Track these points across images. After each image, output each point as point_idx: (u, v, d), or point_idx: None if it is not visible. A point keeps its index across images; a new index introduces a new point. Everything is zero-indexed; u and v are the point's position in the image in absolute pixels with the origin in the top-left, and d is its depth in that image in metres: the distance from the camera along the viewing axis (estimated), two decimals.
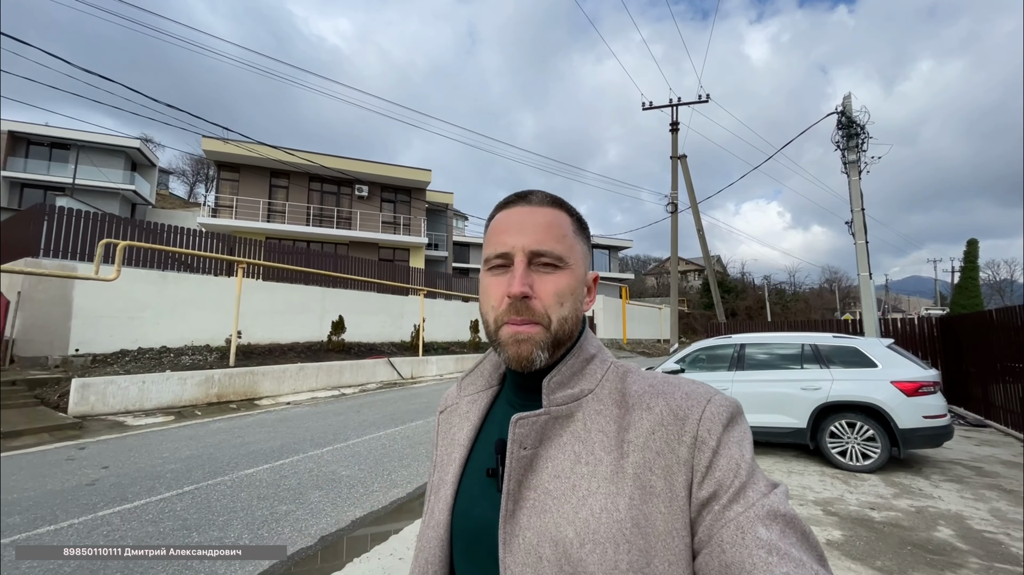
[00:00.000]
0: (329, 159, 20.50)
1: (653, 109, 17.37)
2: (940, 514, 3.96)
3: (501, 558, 0.53)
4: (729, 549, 0.46)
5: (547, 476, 0.56)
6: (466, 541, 0.59)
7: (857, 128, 10.27)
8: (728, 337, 6.59)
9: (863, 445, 5.13)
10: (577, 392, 0.59)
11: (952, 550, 3.31)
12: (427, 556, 0.61)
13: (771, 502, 0.49)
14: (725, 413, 0.55)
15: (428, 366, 15.24)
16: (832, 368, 5.45)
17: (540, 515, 0.54)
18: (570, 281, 0.60)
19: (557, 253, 0.59)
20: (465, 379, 0.73)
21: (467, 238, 38.23)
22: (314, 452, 5.90)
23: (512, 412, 0.62)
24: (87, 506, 4.03)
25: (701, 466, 0.52)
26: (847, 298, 49.60)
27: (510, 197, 0.65)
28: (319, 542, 3.50)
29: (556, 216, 0.62)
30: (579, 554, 0.50)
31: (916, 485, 4.71)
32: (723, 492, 0.50)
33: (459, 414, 0.70)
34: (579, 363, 0.62)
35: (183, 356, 10.52)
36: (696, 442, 0.53)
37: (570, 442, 0.57)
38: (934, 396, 5.07)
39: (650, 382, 0.60)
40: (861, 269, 10.31)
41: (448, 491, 0.62)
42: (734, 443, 0.53)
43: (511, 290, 0.57)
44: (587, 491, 0.53)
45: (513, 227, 0.61)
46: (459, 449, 0.65)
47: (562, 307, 0.59)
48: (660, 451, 0.53)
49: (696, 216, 17.70)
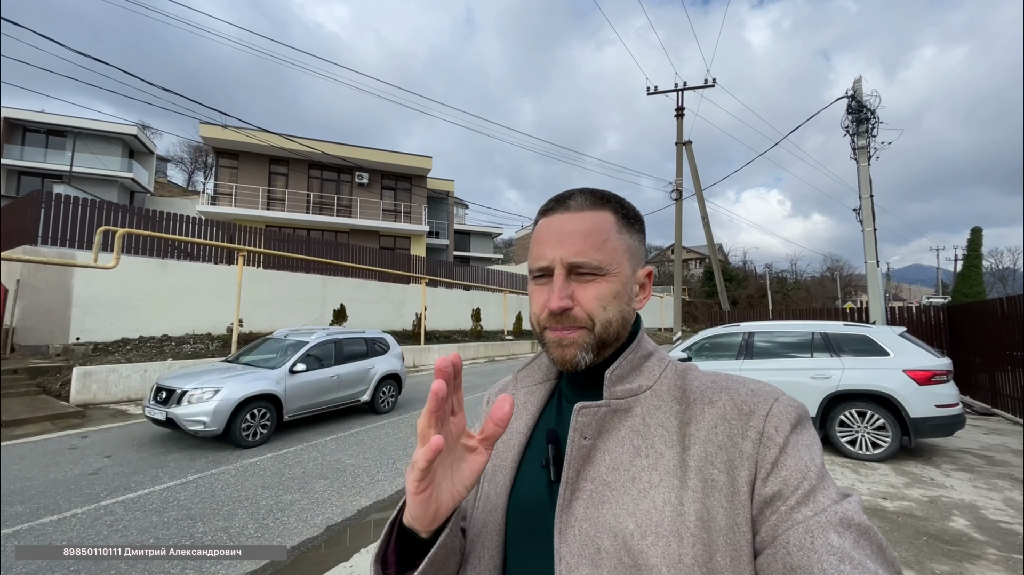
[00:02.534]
0: (329, 146, 20.24)
1: (658, 94, 17.08)
2: (954, 504, 3.91)
3: (556, 548, 0.53)
4: (796, 552, 0.45)
5: (605, 468, 0.55)
6: (521, 528, 0.59)
7: (868, 113, 10.07)
8: (736, 325, 6.51)
9: (873, 434, 5.07)
10: (635, 387, 0.59)
11: (969, 541, 3.26)
12: (483, 541, 0.60)
13: (844, 509, 0.47)
14: (793, 413, 0.54)
15: (430, 355, 15.22)
16: (843, 357, 5.37)
17: (598, 506, 0.53)
18: (612, 286, 0.59)
19: (595, 263, 0.58)
20: (522, 371, 0.72)
21: (468, 226, 38.02)
22: (318, 441, 5.86)
23: (567, 406, 0.63)
24: (90, 495, 3.99)
25: (766, 462, 0.51)
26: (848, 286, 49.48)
27: (550, 203, 0.63)
28: (325, 532, 3.46)
29: (596, 220, 0.60)
30: (640, 546, 0.49)
31: (927, 474, 4.66)
32: (789, 492, 0.49)
33: (517, 404, 0.68)
34: (637, 359, 0.61)
35: (184, 345, 10.47)
36: (762, 438, 0.52)
37: (628, 436, 0.56)
38: (947, 385, 4.99)
39: (712, 378, 0.60)
40: (868, 257, 10.19)
41: (506, 477, 0.62)
42: (803, 446, 0.52)
43: (550, 305, 0.58)
44: (648, 484, 0.53)
45: (552, 238, 0.60)
46: (517, 436, 0.65)
47: (605, 311, 0.59)
48: (722, 445, 0.52)
49: (701, 203, 17.53)
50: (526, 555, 0.58)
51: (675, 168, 16.64)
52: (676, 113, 16.78)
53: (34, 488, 4.12)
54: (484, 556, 0.59)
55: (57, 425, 6.45)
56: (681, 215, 16.49)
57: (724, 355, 6.18)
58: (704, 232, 18.11)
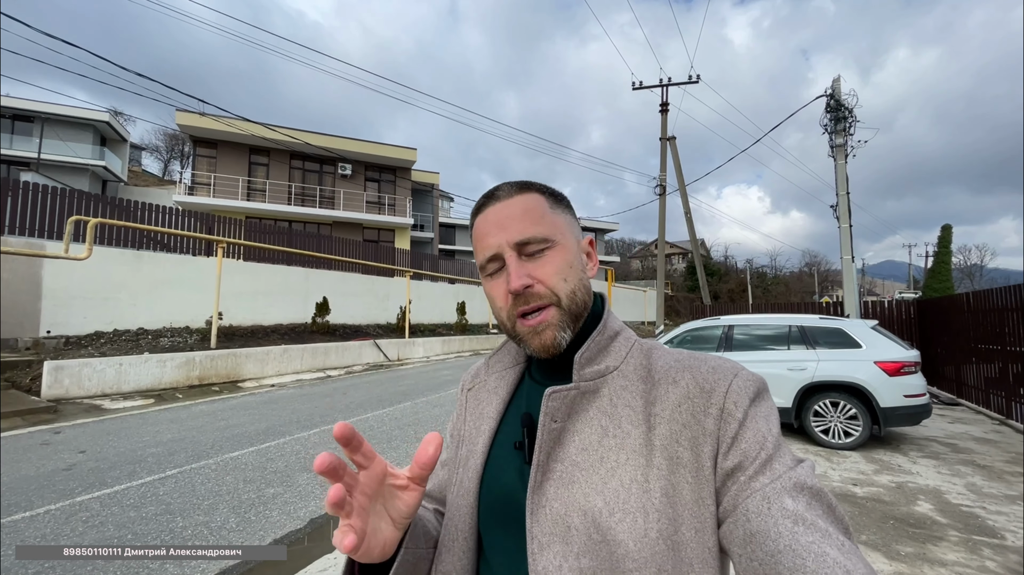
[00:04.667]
0: (312, 136, 19.86)
1: (644, 89, 17.18)
2: (919, 489, 4.09)
3: (528, 527, 0.55)
4: (754, 518, 0.47)
5: (574, 449, 0.57)
6: (493, 510, 0.61)
7: (846, 112, 10.30)
8: (716, 319, 6.64)
9: (845, 423, 5.26)
10: (603, 368, 0.60)
11: (932, 524, 3.42)
12: (456, 523, 0.62)
13: (798, 475, 0.50)
14: (752, 387, 0.56)
15: (415, 348, 15.16)
16: (818, 349, 5.54)
17: (568, 486, 0.55)
18: (564, 255, 0.61)
19: (541, 235, 0.60)
20: (493, 357, 0.74)
21: (453, 219, 37.79)
22: (301, 434, 5.81)
23: (537, 388, 0.64)
24: (64, 491, 3.90)
25: (727, 437, 0.53)
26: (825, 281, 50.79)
27: (480, 201, 0.65)
28: (308, 525, 3.45)
29: (528, 200, 0.62)
30: (608, 523, 0.51)
31: (895, 461, 4.86)
32: (748, 463, 0.51)
33: (487, 390, 0.71)
34: (604, 340, 0.62)
35: (162, 338, 10.23)
36: (723, 414, 0.54)
37: (596, 416, 0.57)
38: (915, 376, 5.20)
39: (676, 357, 0.61)
40: (844, 252, 10.48)
41: (477, 461, 0.64)
42: (761, 417, 0.54)
43: (510, 287, 0.58)
44: (615, 463, 0.54)
45: (492, 227, 0.61)
46: (488, 422, 0.67)
47: (566, 282, 0.60)
48: (686, 423, 0.54)
49: (684, 199, 17.74)
50: (499, 536, 0.59)
51: (659, 163, 16.80)
52: (661, 109, 16.91)
53: (5, 484, 4.00)
54: (458, 539, 0.61)
55: (28, 420, 6.25)
56: (665, 210, 16.68)
57: (705, 347, 6.31)
58: (687, 227, 18.36)
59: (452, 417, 0.77)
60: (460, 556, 0.61)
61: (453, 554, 0.61)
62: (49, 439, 5.46)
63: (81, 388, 7.62)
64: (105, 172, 25.83)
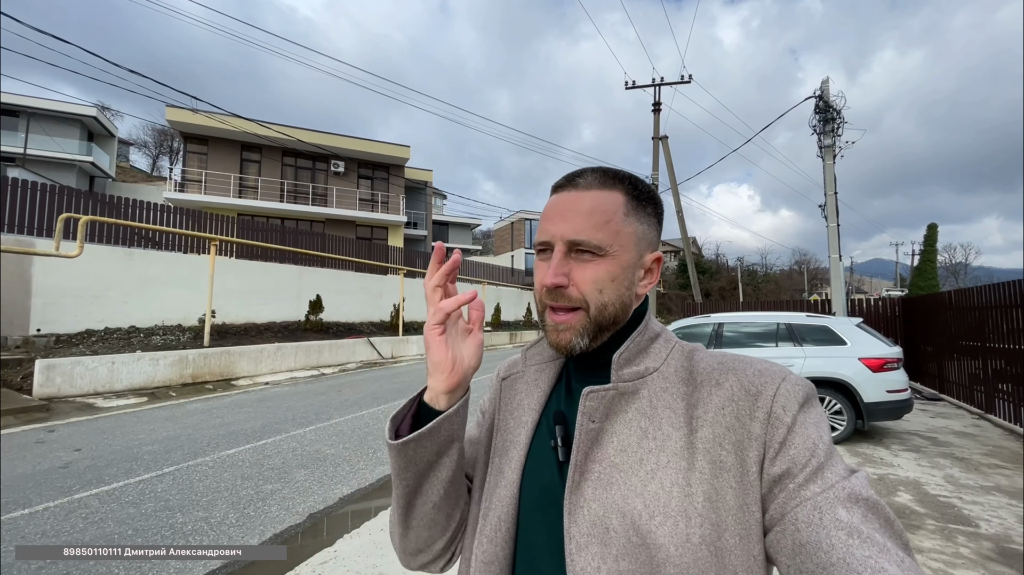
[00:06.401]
0: (304, 133, 19.75)
1: (636, 88, 17.28)
2: (900, 481, 4.24)
3: (566, 528, 0.54)
4: (805, 528, 0.46)
5: (612, 450, 0.56)
6: (532, 503, 0.61)
7: (834, 113, 10.48)
8: (707, 316, 6.77)
9: (830, 418, 5.40)
10: (642, 370, 0.59)
11: (911, 513, 3.56)
12: (499, 513, 0.61)
13: (852, 485, 0.47)
14: (801, 392, 0.54)
15: (408, 346, 15.19)
16: (805, 346, 5.68)
17: (606, 487, 0.54)
18: (610, 268, 0.59)
19: (595, 243, 0.58)
20: (531, 350, 0.73)
21: (446, 217, 37.76)
22: (297, 432, 5.85)
23: (575, 385, 0.64)
24: (62, 489, 3.92)
25: (775, 442, 0.51)
26: (815, 279, 51.45)
27: (561, 180, 0.64)
28: (307, 519, 3.51)
29: (603, 199, 0.60)
30: (648, 526, 0.50)
31: (878, 454, 5.02)
32: (798, 470, 0.49)
33: (526, 381, 0.71)
34: (644, 341, 0.62)
35: (154, 336, 10.18)
36: (770, 418, 0.52)
37: (636, 418, 0.57)
38: (897, 372, 5.36)
39: (719, 359, 0.60)
40: (832, 251, 10.68)
41: (520, 453, 0.63)
42: (811, 423, 0.52)
43: (543, 280, 0.59)
44: (656, 465, 0.53)
45: (556, 214, 0.60)
46: (530, 413, 0.66)
47: (601, 294, 0.58)
48: (730, 426, 0.53)
49: (676, 197, 17.90)
50: (536, 529, 0.59)
51: (651, 162, 16.93)
52: (653, 108, 17.03)
53: (1, 483, 4.02)
54: (501, 529, 0.60)
55: (20, 419, 6.23)
56: None
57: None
58: (679, 226, 18.54)
59: (483, 400, 0.77)
60: (502, 546, 0.60)
61: (496, 544, 0.60)
62: (43, 437, 5.46)
63: (73, 386, 7.58)
64: (93, 168, 25.45)
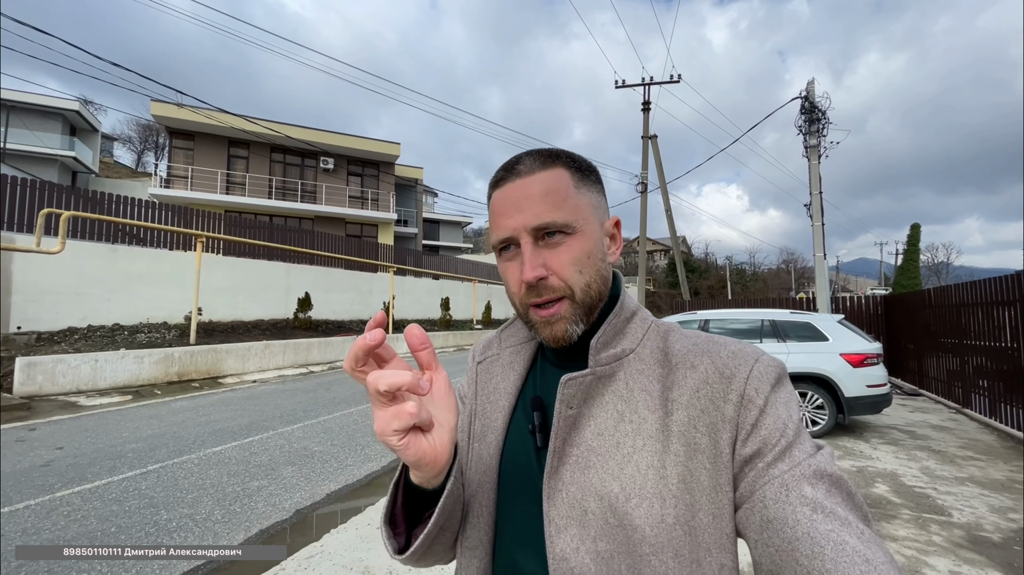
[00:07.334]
0: (293, 129, 19.56)
1: (627, 87, 17.39)
2: (878, 472, 4.35)
3: (545, 511, 0.55)
4: (772, 505, 0.47)
5: (590, 434, 0.56)
6: (511, 488, 0.61)
7: (819, 113, 10.65)
8: (693, 313, 6.86)
9: (812, 413, 5.52)
10: (619, 352, 0.58)
11: (888, 503, 3.66)
12: (479, 498, 0.62)
13: (817, 462, 0.48)
14: (773, 373, 0.54)
15: (399, 344, 15.14)
16: (788, 342, 5.79)
17: (584, 471, 0.55)
18: (583, 244, 0.57)
19: (562, 222, 0.56)
20: (506, 331, 0.72)
21: (437, 215, 37.63)
22: (284, 429, 5.83)
23: (551, 368, 0.64)
24: (43, 487, 3.87)
25: (747, 424, 0.52)
26: (802, 278, 52.19)
27: (499, 173, 0.60)
28: (294, 515, 3.51)
29: (550, 178, 0.57)
30: (625, 508, 0.51)
31: (858, 448, 5.13)
32: (768, 450, 0.50)
33: (502, 363, 0.70)
34: (620, 322, 0.61)
35: (138, 334, 10.04)
36: (743, 400, 0.52)
37: (612, 401, 0.57)
38: (877, 367, 5.48)
39: (694, 341, 0.59)
40: (817, 250, 10.86)
41: (497, 437, 0.63)
42: (781, 403, 0.53)
43: (524, 277, 0.56)
44: (632, 448, 0.54)
45: (510, 206, 0.57)
46: (506, 397, 0.66)
47: (582, 274, 0.57)
48: (705, 408, 0.53)
49: (665, 196, 18.05)
50: (516, 513, 0.60)
51: (640, 161, 17.05)
52: (643, 107, 17.14)
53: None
54: (482, 514, 0.61)
55: (0, 418, 6.12)
56: (646, 208, 16.96)
57: None
58: (668, 224, 18.70)
59: (461, 384, 0.75)
60: (484, 531, 0.61)
61: (479, 529, 0.61)
62: (24, 436, 5.37)
63: (55, 385, 7.46)
64: (75, 163, 24.96)
